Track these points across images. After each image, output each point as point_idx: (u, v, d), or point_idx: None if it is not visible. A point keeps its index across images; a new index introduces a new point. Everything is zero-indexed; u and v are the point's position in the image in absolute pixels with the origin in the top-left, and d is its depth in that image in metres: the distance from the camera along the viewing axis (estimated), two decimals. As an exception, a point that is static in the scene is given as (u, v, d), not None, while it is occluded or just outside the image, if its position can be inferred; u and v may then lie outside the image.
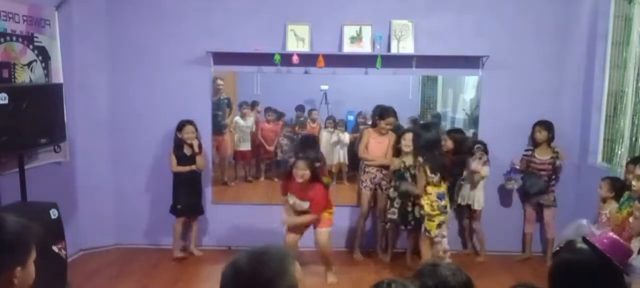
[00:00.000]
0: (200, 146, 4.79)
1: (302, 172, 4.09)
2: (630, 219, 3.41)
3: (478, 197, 4.80)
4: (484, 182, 4.79)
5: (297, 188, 4.18)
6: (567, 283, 1.63)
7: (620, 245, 1.65)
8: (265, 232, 4.74)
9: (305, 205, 4.22)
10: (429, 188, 4.19)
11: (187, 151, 4.74)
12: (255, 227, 4.95)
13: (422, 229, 4.27)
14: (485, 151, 4.77)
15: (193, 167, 4.75)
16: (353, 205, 5.09)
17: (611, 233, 1.71)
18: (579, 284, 1.60)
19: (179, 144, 4.74)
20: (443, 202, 4.19)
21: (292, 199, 4.26)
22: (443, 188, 4.24)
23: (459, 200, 4.89)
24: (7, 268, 1.43)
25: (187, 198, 4.83)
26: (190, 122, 4.73)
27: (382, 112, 4.74)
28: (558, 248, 1.74)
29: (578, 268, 1.62)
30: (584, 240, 1.68)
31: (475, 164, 4.73)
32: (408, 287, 1.59)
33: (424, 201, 4.21)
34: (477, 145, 4.79)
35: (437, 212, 4.17)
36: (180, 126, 4.72)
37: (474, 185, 4.79)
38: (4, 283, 1.42)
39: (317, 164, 4.36)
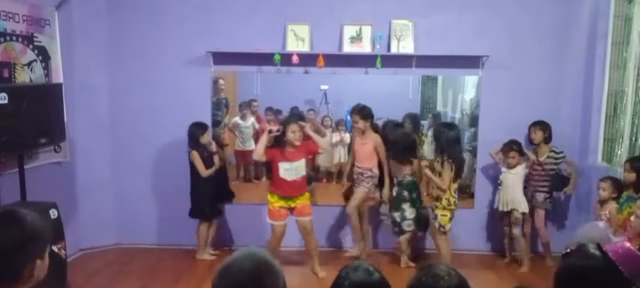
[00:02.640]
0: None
1: (296, 133, 4.23)
2: (632, 218, 3.43)
3: (521, 200, 4.63)
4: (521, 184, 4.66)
5: (290, 154, 4.28)
6: (573, 286, 1.61)
7: (635, 256, 1.61)
8: (266, 232, 4.73)
9: (301, 164, 4.30)
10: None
11: (204, 153, 4.71)
12: (255, 227, 4.95)
13: (436, 225, 4.36)
14: (516, 148, 4.63)
15: (215, 167, 4.73)
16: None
17: (627, 243, 1.66)
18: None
19: (202, 147, 4.66)
20: (456, 197, 4.35)
21: (286, 165, 4.27)
22: (457, 184, 4.34)
23: (501, 207, 4.69)
24: (30, 261, 1.48)
25: (215, 200, 4.84)
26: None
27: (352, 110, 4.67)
28: (568, 251, 1.68)
29: (585, 275, 1.58)
30: (598, 245, 1.64)
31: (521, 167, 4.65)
32: (373, 273, 1.62)
33: (445, 196, 4.29)
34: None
35: (452, 207, 4.30)
36: (204, 129, 4.65)
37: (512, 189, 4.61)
38: (27, 276, 1.47)
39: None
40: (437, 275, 1.59)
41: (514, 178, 4.61)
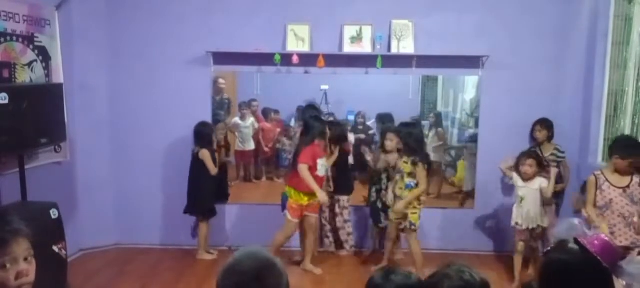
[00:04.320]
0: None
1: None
2: (635, 219, 3.45)
3: (543, 214, 4.28)
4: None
5: (323, 150, 4.47)
6: (557, 283, 1.66)
7: (610, 248, 1.68)
8: (266, 232, 4.72)
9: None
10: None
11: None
12: (255, 227, 4.95)
13: (407, 224, 4.32)
14: (534, 156, 4.26)
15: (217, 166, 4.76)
16: (362, 205, 5.11)
17: (603, 235, 1.73)
18: (568, 284, 1.64)
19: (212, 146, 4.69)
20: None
21: (322, 161, 4.37)
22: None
23: (526, 224, 4.26)
24: None
25: (214, 199, 4.86)
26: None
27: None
28: (549, 248, 1.77)
29: (567, 269, 1.66)
30: (575, 240, 1.70)
31: (540, 179, 4.22)
32: (410, 276, 1.64)
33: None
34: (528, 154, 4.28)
35: (420, 206, 4.30)
36: (213, 128, 4.70)
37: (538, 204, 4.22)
38: None
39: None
40: (447, 275, 1.61)
41: (536, 194, 4.22)
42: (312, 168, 4.29)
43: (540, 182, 4.23)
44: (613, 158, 3.59)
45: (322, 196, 4.34)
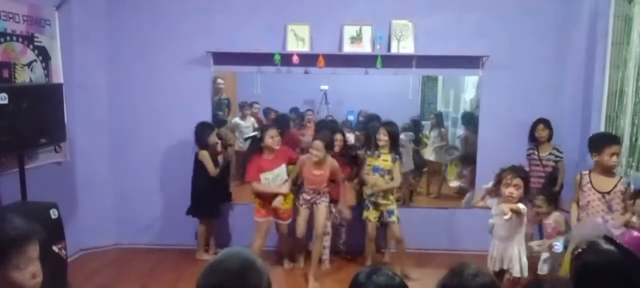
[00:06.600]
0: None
1: (274, 139, 4.30)
2: (634, 218, 3.45)
3: (516, 257, 3.24)
4: (523, 234, 3.32)
5: (268, 162, 4.36)
6: (595, 285, 1.60)
7: None
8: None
9: (282, 171, 4.40)
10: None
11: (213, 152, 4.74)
12: (254, 226, 4.94)
13: (395, 219, 4.38)
14: (523, 175, 3.30)
15: (219, 167, 4.74)
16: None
17: (635, 233, 1.69)
18: (608, 285, 1.58)
19: (210, 147, 4.68)
20: None
21: (266, 175, 4.33)
22: None
23: (490, 264, 3.40)
24: None
25: (215, 200, 4.86)
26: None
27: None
28: (580, 250, 1.69)
29: (604, 271, 1.59)
30: (608, 239, 1.65)
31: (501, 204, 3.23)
32: (394, 278, 1.62)
33: (395, 192, 4.44)
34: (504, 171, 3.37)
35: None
36: (212, 129, 4.68)
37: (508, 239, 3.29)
38: None
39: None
40: (470, 274, 1.61)
41: (507, 226, 3.22)
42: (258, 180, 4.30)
43: (510, 208, 3.15)
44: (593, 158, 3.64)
45: (285, 187, 4.31)
